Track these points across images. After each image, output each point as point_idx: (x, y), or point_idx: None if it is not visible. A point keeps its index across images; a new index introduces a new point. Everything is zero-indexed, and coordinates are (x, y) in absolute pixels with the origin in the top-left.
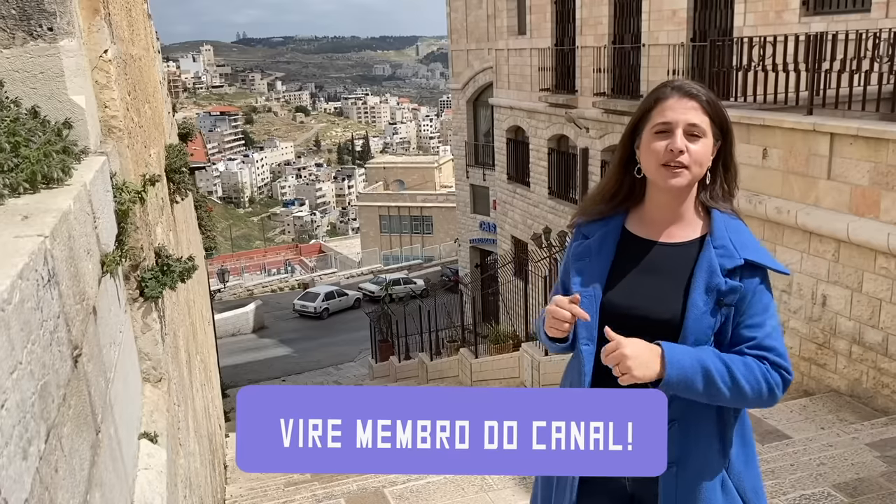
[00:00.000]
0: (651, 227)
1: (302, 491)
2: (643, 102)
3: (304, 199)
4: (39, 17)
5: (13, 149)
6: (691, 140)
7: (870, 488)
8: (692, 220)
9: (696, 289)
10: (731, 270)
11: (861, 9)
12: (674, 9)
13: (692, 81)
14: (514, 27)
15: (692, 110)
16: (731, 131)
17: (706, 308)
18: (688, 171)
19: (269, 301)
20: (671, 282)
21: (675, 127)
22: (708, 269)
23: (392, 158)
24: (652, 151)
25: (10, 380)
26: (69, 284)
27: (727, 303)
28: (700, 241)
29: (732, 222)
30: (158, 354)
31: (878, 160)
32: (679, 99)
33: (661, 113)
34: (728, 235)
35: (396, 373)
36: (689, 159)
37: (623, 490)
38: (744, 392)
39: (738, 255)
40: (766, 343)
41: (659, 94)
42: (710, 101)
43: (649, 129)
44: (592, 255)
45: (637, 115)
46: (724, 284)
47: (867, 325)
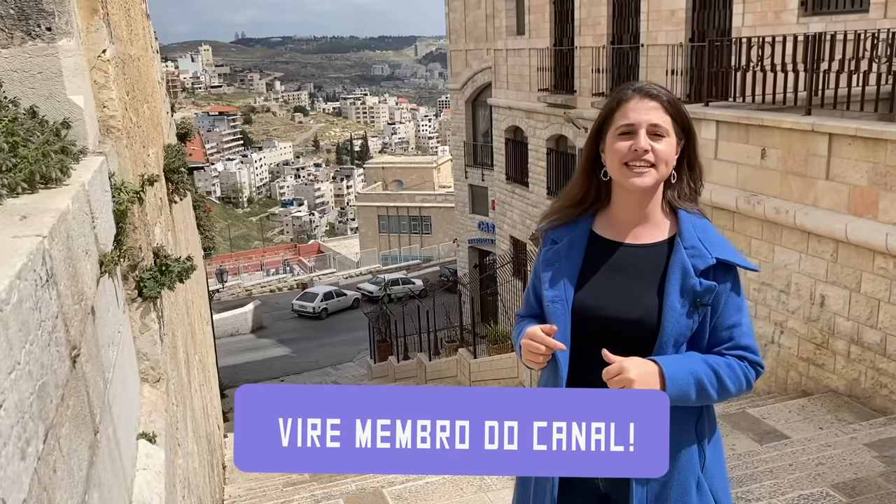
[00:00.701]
0: (618, 228)
1: (301, 491)
2: (605, 105)
3: (303, 200)
4: (38, 17)
5: (11, 149)
6: (655, 140)
7: (868, 488)
8: (659, 221)
9: (672, 291)
10: (704, 271)
11: (859, 9)
12: (672, 9)
13: (652, 83)
14: (513, 27)
15: (654, 110)
16: (693, 130)
17: (683, 310)
18: (653, 170)
19: (268, 301)
20: (641, 283)
21: (638, 127)
22: (681, 270)
23: (391, 158)
24: (616, 152)
25: (9, 380)
26: (67, 284)
27: (703, 303)
28: (669, 242)
29: (699, 222)
30: (157, 354)
31: (876, 160)
32: (640, 100)
33: (624, 115)
34: (697, 235)
35: (395, 373)
36: (655, 158)
37: (597, 490)
38: (728, 392)
39: (710, 254)
40: (744, 342)
41: (621, 97)
42: (671, 102)
43: (613, 130)
44: (562, 260)
45: (600, 118)
46: (700, 285)
47: (865, 326)
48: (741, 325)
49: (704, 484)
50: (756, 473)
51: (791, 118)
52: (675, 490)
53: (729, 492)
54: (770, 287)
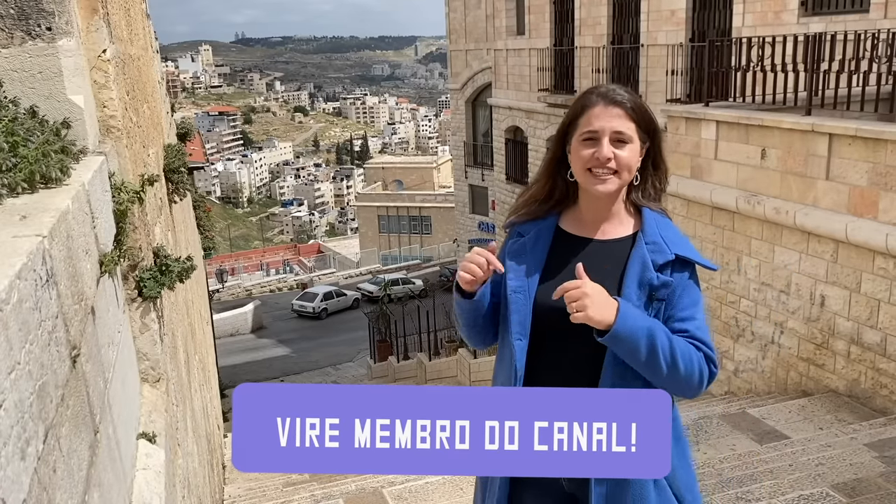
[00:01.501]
0: (584, 225)
1: (300, 491)
2: (570, 109)
3: (303, 199)
4: (38, 17)
5: (11, 148)
6: (618, 146)
7: (868, 488)
8: (624, 219)
9: (629, 283)
10: (662, 265)
11: (859, 9)
12: (672, 9)
13: (618, 87)
14: (513, 27)
15: (617, 118)
16: (658, 131)
17: (639, 302)
18: (616, 178)
19: (268, 301)
20: (604, 276)
21: (601, 135)
22: (641, 263)
23: (391, 158)
24: (580, 158)
25: (9, 380)
26: (67, 284)
27: (659, 297)
28: (632, 237)
29: (662, 220)
30: (157, 354)
31: (876, 160)
32: (605, 107)
33: (588, 121)
34: (659, 232)
35: (395, 373)
36: (617, 165)
37: (562, 490)
38: (678, 373)
39: (670, 250)
40: (698, 335)
41: (585, 102)
42: (635, 107)
43: (577, 136)
44: (527, 252)
45: (565, 121)
46: (657, 279)
47: (865, 326)
48: (696, 319)
49: (663, 481)
50: (756, 474)
51: (791, 118)
52: (633, 488)
53: (696, 488)
54: (770, 287)
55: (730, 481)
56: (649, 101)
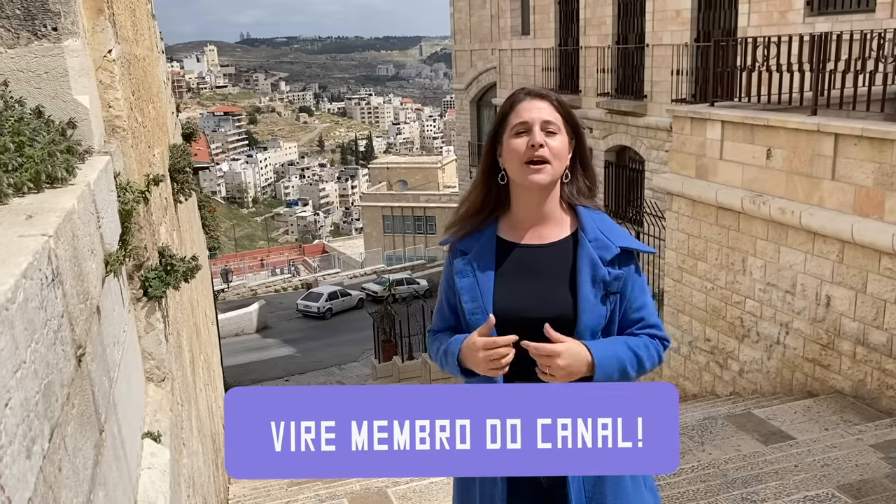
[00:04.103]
0: (522, 231)
1: (305, 491)
2: (500, 109)
3: (308, 200)
4: (44, 17)
5: (17, 148)
6: (548, 136)
7: (874, 489)
8: (560, 219)
9: (584, 283)
10: (610, 260)
11: (865, 9)
12: (677, 9)
13: (542, 87)
14: (518, 27)
15: (545, 109)
16: (581, 133)
17: (596, 300)
18: (549, 166)
19: (273, 301)
20: (553, 281)
21: (532, 125)
22: (590, 263)
23: (395, 159)
24: (514, 151)
25: (14, 379)
26: (73, 284)
27: (613, 291)
28: (573, 237)
29: (597, 215)
30: (162, 354)
31: (882, 161)
32: (532, 100)
33: (518, 115)
34: (598, 228)
35: (399, 373)
36: (549, 154)
37: (540, 487)
38: (645, 370)
39: (614, 244)
40: (651, 321)
41: (514, 100)
42: (560, 102)
43: (509, 131)
44: (475, 270)
45: (496, 122)
46: (608, 275)
47: (871, 326)
48: (647, 306)
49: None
50: (761, 474)
51: (797, 118)
52: (609, 480)
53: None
54: (775, 287)
55: (735, 482)
56: (654, 101)
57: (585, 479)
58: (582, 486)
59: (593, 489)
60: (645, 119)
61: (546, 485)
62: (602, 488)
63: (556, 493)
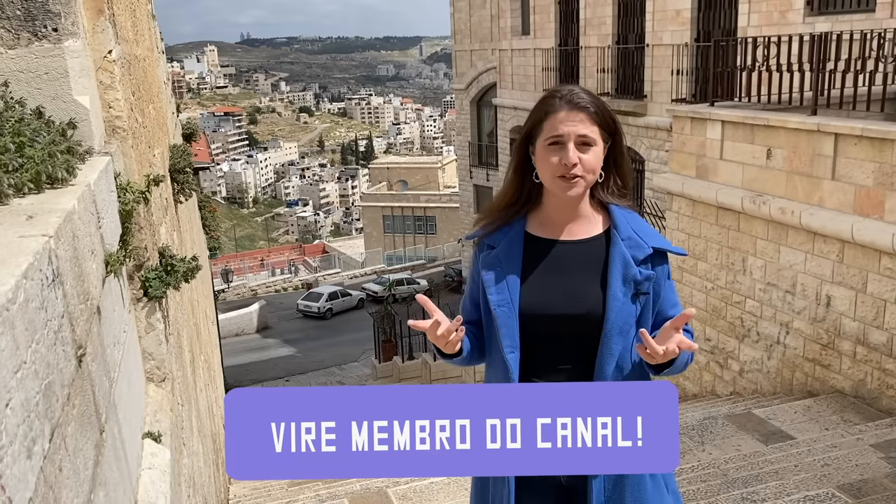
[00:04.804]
0: (552, 227)
1: (305, 491)
2: (534, 113)
3: (308, 200)
4: (44, 18)
5: (18, 149)
6: (583, 150)
7: (874, 489)
8: (591, 217)
9: (614, 281)
10: (642, 260)
11: (865, 9)
12: (678, 9)
13: (579, 90)
14: (518, 27)
15: (581, 122)
16: (619, 131)
17: (626, 299)
18: (582, 181)
19: (273, 301)
20: (583, 278)
21: (566, 140)
22: (622, 261)
23: (395, 159)
24: (547, 164)
25: (15, 379)
26: (73, 284)
27: (643, 291)
28: (605, 235)
29: (629, 214)
30: (162, 354)
31: (882, 160)
32: (568, 112)
33: (553, 126)
34: (630, 227)
35: (400, 373)
36: (583, 170)
37: (560, 485)
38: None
39: (647, 244)
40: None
41: (548, 107)
42: (598, 111)
43: (542, 140)
44: (502, 263)
45: (528, 125)
46: (640, 274)
47: (872, 326)
48: (679, 304)
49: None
50: (761, 474)
51: (797, 118)
52: (629, 481)
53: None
54: (776, 287)
55: (735, 482)
56: (654, 101)
57: (606, 479)
58: (602, 486)
59: (613, 489)
60: (645, 119)
61: (566, 483)
62: (622, 489)
63: (577, 491)
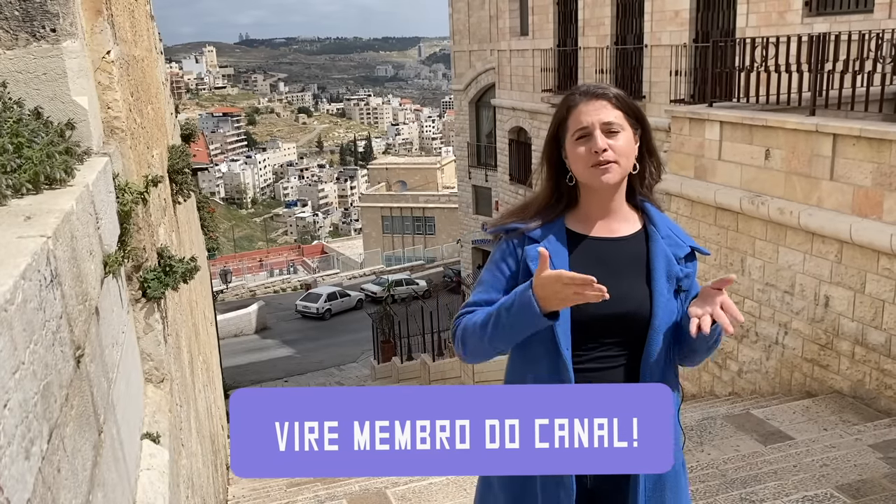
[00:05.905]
0: (591, 224)
1: (304, 492)
2: (556, 113)
3: (307, 200)
4: (42, 19)
5: (16, 149)
6: (611, 136)
7: (873, 489)
8: (628, 214)
9: (659, 278)
10: (680, 258)
11: (864, 9)
12: (676, 10)
13: (596, 83)
14: (517, 28)
15: (603, 109)
16: (646, 119)
17: (669, 295)
18: (617, 166)
19: (272, 302)
20: (628, 275)
21: (592, 129)
22: (665, 259)
23: (394, 159)
24: (578, 157)
25: (13, 380)
26: (72, 285)
27: (683, 288)
28: (643, 232)
29: (661, 214)
30: (161, 355)
31: (880, 161)
32: (588, 102)
33: (576, 119)
34: (667, 226)
35: (399, 374)
36: (614, 154)
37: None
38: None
39: (685, 243)
40: None
41: (569, 103)
42: (618, 97)
43: (570, 137)
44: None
45: (553, 126)
46: (681, 272)
47: (870, 327)
48: None
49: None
50: (760, 475)
51: (795, 119)
52: (669, 480)
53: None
54: (774, 288)
55: (734, 482)
56: (653, 102)
57: (647, 479)
58: (643, 486)
59: (654, 488)
60: None
61: (591, 486)
62: (662, 489)
63: (602, 494)
